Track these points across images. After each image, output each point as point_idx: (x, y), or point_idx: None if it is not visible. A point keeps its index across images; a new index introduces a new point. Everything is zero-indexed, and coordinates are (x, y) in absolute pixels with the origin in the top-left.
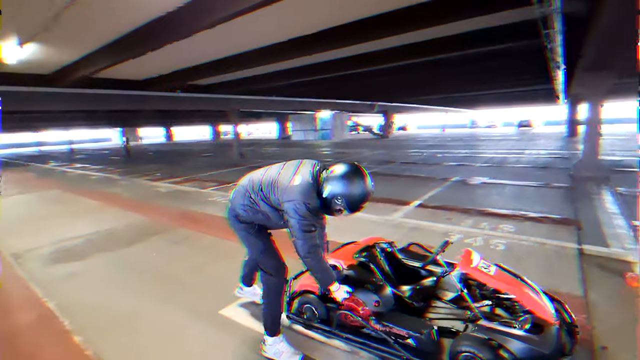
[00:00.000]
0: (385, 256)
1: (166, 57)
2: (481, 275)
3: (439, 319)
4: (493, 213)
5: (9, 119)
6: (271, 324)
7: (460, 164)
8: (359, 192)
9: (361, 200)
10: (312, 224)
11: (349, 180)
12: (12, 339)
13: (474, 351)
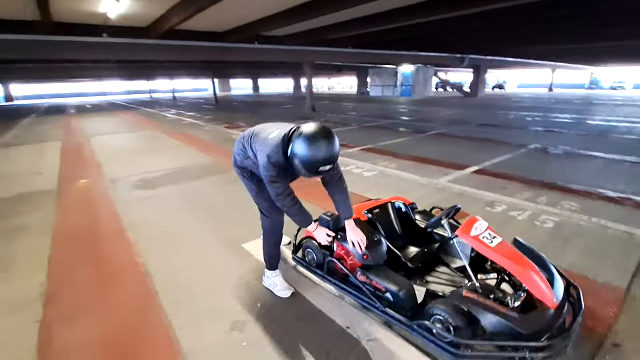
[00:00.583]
0: (398, 216)
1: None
2: (478, 245)
3: (436, 283)
4: (561, 187)
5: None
6: (268, 259)
7: (551, 130)
8: (312, 154)
9: (314, 163)
10: (275, 177)
11: (306, 142)
12: (91, 242)
13: (446, 317)
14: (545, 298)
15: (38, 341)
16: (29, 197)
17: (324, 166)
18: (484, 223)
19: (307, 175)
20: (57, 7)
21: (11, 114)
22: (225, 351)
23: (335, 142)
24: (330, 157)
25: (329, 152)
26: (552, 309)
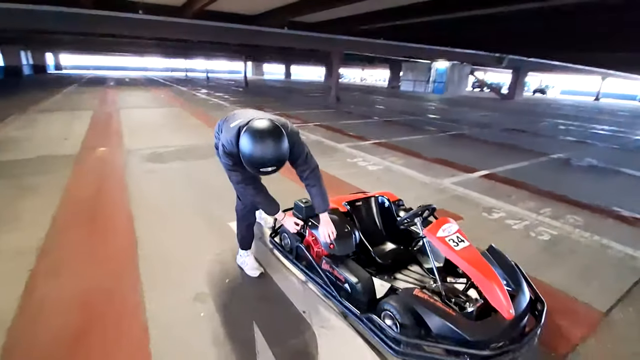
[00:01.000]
0: (381, 211)
1: None
2: (442, 246)
3: (403, 280)
4: (572, 201)
5: (165, 45)
6: (240, 239)
7: (582, 141)
8: (254, 153)
9: (255, 163)
10: (231, 166)
11: (250, 139)
12: (93, 206)
13: (394, 313)
14: (501, 308)
15: (24, 288)
16: (50, 160)
17: (264, 167)
18: (454, 226)
19: (253, 172)
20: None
21: (57, 82)
22: (182, 319)
23: (282, 145)
24: (271, 159)
25: (272, 153)
26: (507, 320)
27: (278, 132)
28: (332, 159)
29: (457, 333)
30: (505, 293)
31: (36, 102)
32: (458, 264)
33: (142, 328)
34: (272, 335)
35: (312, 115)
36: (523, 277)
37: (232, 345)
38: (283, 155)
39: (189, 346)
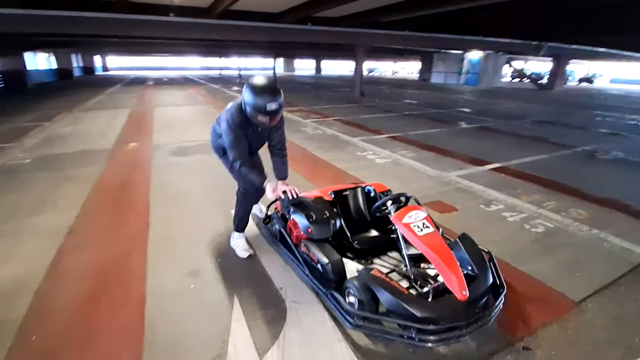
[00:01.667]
0: (367, 200)
1: None
2: (406, 231)
3: (380, 265)
4: (580, 194)
5: (200, 45)
6: (237, 222)
7: (616, 132)
8: (255, 100)
9: (258, 107)
10: (235, 139)
11: (251, 90)
12: (120, 194)
13: (354, 291)
14: (454, 289)
15: (51, 261)
16: (88, 154)
17: (270, 104)
18: (422, 213)
19: (259, 121)
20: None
21: (103, 83)
22: (175, 289)
23: (277, 89)
24: (273, 99)
25: (272, 95)
26: (460, 300)
27: (270, 79)
28: (342, 152)
29: (406, 309)
30: (461, 276)
31: (82, 102)
32: (419, 248)
33: (141, 295)
34: (249, 306)
35: (333, 110)
36: (493, 264)
37: (211, 313)
38: (281, 97)
39: (174, 312)
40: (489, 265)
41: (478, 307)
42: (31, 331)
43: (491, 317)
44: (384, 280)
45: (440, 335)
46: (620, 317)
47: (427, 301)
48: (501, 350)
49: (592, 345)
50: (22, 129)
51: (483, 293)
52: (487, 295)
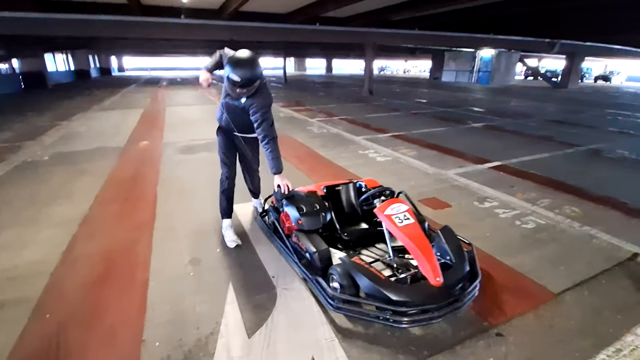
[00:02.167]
0: (358, 195)
1: None
2: (387, 222)
3: (366, 255)
4: (576, 192)
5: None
6: (220, 208)
7: (625, 131)
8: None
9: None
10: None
11: (228, 58)
12: (130, 187)
13: (337, 277)
14: (429, 276)
15: (66, 247)
16: (103, 151)
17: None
18: (404, 206)
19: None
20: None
21: (118, 83)
22: (175, 275)
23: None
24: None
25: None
26: (434, 286)
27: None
28: (345, 150)
29: (382, 293)
30: (435, 264)
31: (98, 101)
32: (398, 237)
33: (144, 279)
34: (242, 292)
35: (340, 109)
36: (472, 255)
37: (207, 297)
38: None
39: (174, 295)
40: (466, 256)
41: (453, 293)
42: (45, 309)
43: (464, 303)
44: (363, 266)
45: (413, 317)
46: (598, 309)
47: (402, 286)
48: (475, 335)
49: (564, 334)
50: (41, 128)
51: (458, 280)
52: (462, 283)
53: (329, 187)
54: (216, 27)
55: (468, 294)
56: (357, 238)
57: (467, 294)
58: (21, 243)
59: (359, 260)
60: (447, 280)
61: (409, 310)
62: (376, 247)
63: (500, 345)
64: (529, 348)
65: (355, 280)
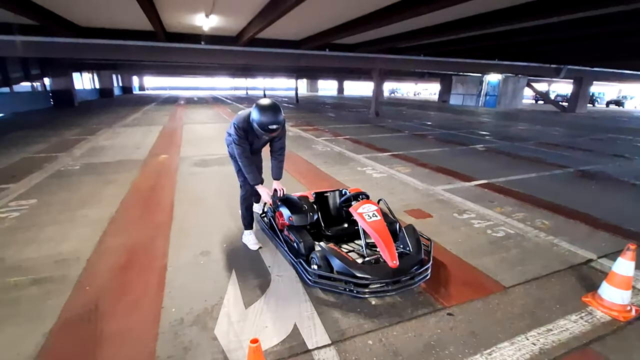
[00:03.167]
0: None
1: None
2: (359, 218)
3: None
4: (552, 207)
5: (229, 67)
6: (242, 220)
7: (619, 154)
8: (260, 118)
9: (262, 125)
10: (240, 141)
11: (258, 110)
12: (150, 194)
13: (316, 259)
14: (387, 259)
15: (98, 240)
16: (126, 163)
17: (272, 125)
18: (373, 207)
19: (262, 133)
20: (166, 21)
21: (139, 101)
22: (188, 264)
23: (281, 112)
24: (274, 120)
25: (274, 117)
26: (390, 267)
27: (275, 104)
28: (345, 167)
29: (349, 270)
30: (393, 251)
31: (121, 118)
32: (366, 230)
33: (163, 265)
34: (242, 277)
35: (346, 129)
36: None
37: (214, 279)
38: (282, 120)
39: (187, 277)
40: (422, 247)
41: (407, 274)
42: (85, 284)
43: (415, 282)
44: (337, 250)
45: (372, 289)
46: (540, 300)
47: (365, 265)
48: (429, 313)
49: (505, 316)
50: (71, 141)
51: (412, 265)
52: (415, 267)
53: (318, 193)
54: (233, 52)
55: (419, 275)
56: (338, 235)
57: (418, 276)
58: (61, 237)
59: (334, 247)
60: (402, 264)
61: (370, 284)
62: (355, 243)
63: (448, 322)
64: (472, 325)
65: (330, 262)
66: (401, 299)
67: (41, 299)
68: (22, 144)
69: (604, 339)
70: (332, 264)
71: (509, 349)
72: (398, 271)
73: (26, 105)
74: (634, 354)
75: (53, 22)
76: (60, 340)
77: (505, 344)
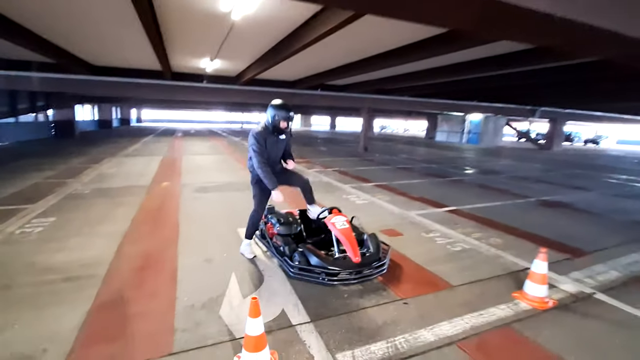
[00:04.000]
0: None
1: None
2: (331, 226)
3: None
4: (507, 229)
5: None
6: (248, 232)
7: (580, 187)
8: (276, 111)
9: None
10: (259, 147)
11: (273, 107)
12: (157, 214)
13: (297, 257)
14: (351, 256)
15: (116, 249)
16: (132, 188)
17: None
18: (343, 218)
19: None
20: (173, 63)
21: (138, 133)
22: (194, 266)
23: (290, 106)
24: (287, 110)
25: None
26: (354, 262)
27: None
28: (331, 195)
29: (322, 264)
30: (357, 249)
31: (122, 149)
32: (337, 235)
33: (174, 268)
34: (240, 277)
35: (335, 162)
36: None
37: (217, 279)
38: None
39: (194, 277)
40: (381, 250)
41: (369, 268)
42: (110, 281)
43: (373, 274)
44: (313, 249)
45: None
46: (480, 295)
47: (334, 260)
48: (389, 302)
49: (450, 305)
50: (78, 169)
51: (371, 261)
52: (373, 263)
53: (302, 210)
54: (232, 90)
55: (376, 269)
56: (317, 243)
57: (376, 269)
58: (84, 246)
59: (311, 247)
60: (364, 260)
61: (339, 274)
62: (330, 250)
63: (403, 308)
64: (422, 311)
65: (308, 259)
66: (367, 293)
67: (76, 290)
68: (32, 170)
69: (522, 321)
70: (309, 260)
71: (447, 326)
72: (360, 265)
73: (29, 135)
74: (543, 330)
75: (68, 60)
76: (98, 316)
77: (445, 322)
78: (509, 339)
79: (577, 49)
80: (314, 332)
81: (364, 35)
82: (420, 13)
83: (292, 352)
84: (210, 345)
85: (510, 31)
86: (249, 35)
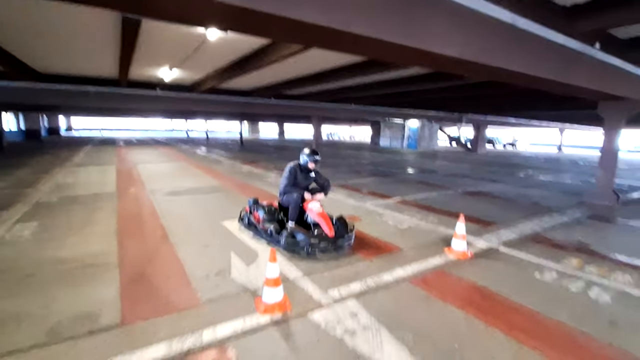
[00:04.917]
0: None
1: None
2: (309, 210)
3: None
4: (441, 211)
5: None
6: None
7: (496, 180)
8: (308, 156)
9: (310, 159)
10: (288, 175)
11: (306, 153)
12: (138, 215)
13: (288, 238)
14: (327, 232)
15: (117, 243)
16: (101, 195)
17: (316, 156)
18: (318, 203)
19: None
20: (133, 71)
21: (72, 143)
22: (195, 252)
23: (317, 152)
24: (316, 155)
25: (315, 153)
26: (329, 236)
27: (311, 148)
28: None
29: (306, 238)
30: (331, 227)
31: (66, 159)
32: (314, 218)
33: (177, 255)
34: (239, 254)
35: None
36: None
37: (220, 257)
38: (319, 156)
39: (199, 259)
40: (349, 227)
41: (340, 239)
42: (125, 265)
43: (343, 244)
44: (298, 228)
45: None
46: (420, 253)
47: (317, 237)
48: (358, 261)
49: (400, 260)
50: (29, 180)
51: (341, 235)
52: (343, 236)
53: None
54: (186, 99)
55: (346, 240)
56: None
57: (346, 241)
58: (85, 243)
59: (296, 226)
60: (336, 235)
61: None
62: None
63: (369, 264)
64: (383, 264)
65: (295, 235)
66: (341, 258)
67: (100, 273)
68: None
69: (450, 266)
70: (296, 237)
71: (401, 271)
72: (334, 238)
73: None
74: (464, 270)
75: (11, 66)
76: (130, 288)
77: (399, 269)
78: (443, 275)
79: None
80: (308, 280)
81: (314, 57)
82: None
83: (295, 293)
84: (233, 296)
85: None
86: (214, 51)
